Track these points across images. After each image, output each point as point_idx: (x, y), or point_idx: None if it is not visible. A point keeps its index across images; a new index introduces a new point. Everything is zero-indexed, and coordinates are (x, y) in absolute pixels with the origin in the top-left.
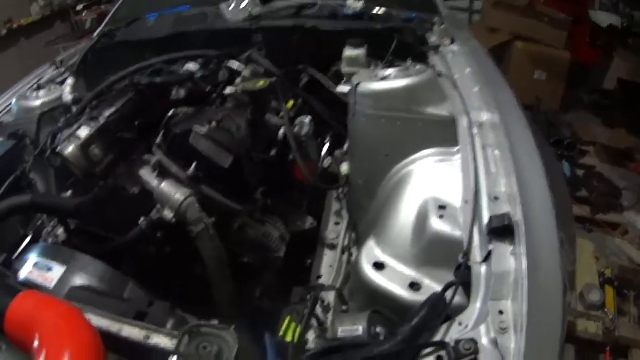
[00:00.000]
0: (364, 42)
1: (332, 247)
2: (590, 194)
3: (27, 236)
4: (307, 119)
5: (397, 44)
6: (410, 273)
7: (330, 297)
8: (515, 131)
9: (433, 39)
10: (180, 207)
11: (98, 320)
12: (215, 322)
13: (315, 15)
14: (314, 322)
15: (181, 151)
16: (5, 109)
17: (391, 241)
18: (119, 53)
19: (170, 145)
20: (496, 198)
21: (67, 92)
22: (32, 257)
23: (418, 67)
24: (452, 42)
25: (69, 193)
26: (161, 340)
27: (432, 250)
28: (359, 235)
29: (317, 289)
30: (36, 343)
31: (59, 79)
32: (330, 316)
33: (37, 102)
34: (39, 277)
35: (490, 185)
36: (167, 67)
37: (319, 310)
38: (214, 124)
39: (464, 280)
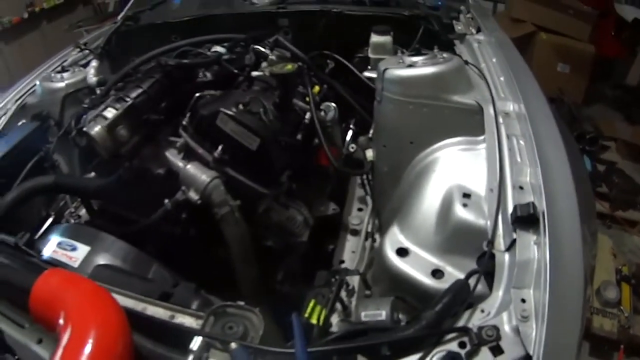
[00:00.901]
0: (389, 29)
1: (355, 232)
2: (610, 190)
3: (49, 217)
4: (333, 105)
5: (423, 32)
6: (433, 260)
7: (354, 281)
8: (540, 122)
9: (459, 27)
10: (205, 189)
11: (122, 300)
12: (241, 303)
13: (342, 0)
14: (338, 305)
15: (208, 133)
16: (29, 90)
17: (415, 228)
18: (144, 36)
19: (197, 127)
20: (521, 187)
21: (91, 74)
22: (56, 237)
23: (445, 55)
24: (478, 31)
25: (92, 174)
26: (186, 320)
27: (455, 238)
28: (382, 221)
29: (342, 273)
30: (61, 321)
31: (83, 62)
32: (354, 300)
33: (61, 84)
34: (63, 257)
35: (515, 174)
36: (194, 49)
37: (343, 294)
38: (241, 106)
39: (487, 268)
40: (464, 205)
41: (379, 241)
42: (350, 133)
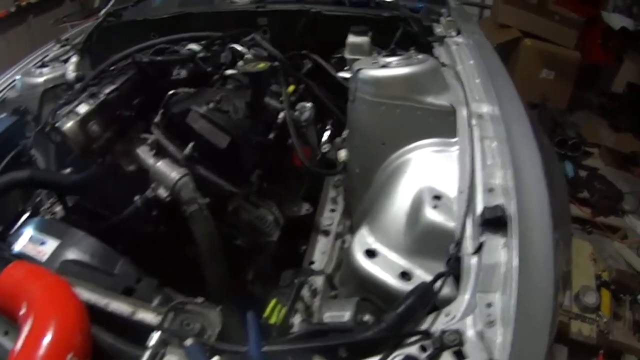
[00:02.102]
0: (367, 29)
1: (326, 233)
2: (591, 195)
3: (25, 212)
4: (308, 105)
5: (402, 33)
6: (402, 262)
7: (318, 281)
8: (514, 125)
9: (439, 30)
10: (174, 186)
11: (86, 294)
12: (200, 300)
13: (322, 0)
14: (300, 306)
15: (178, 131)
16: (9, 84)
17: (384, 229)
18: (125, 32)
19: (168, 125)
20: (491, 190)
21: (70, 69)
22: (28, 231)
23: (420, 56)
24: (458, 33)
25: (69, 170)
26: (147, 316)
27: (424, 240)
28: (353, 222)
29: (306, 273)
30: (23, 311)
31: (64, 57)
32: (317, 301)
33: (41, 79)
34: (32, 250)
35: (486, 176)
36: (170, 47)
37: (306, 294)
38: (211, 104)
39: (454, 271)
40: (434, 207)
41: (349, 242)
42: (327, 134)
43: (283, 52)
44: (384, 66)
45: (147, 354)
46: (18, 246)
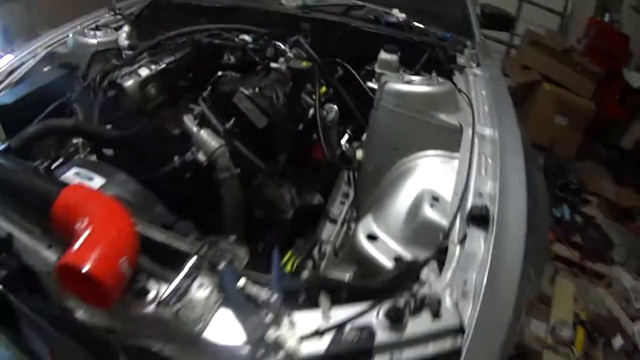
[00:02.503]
0: (397, 49)
1: (334, 221)
2: (583, 240)
3: (58, 158)
4: (335, 107)
5: (427, 58)
6: (398, 249)
7: (327, 248)
8: (508, 148)
9: (461, 60)
10: (213, 153)
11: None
12: (231, 239)
13: (361, 17)
14: (310, 263)
15: (223, 107)
16: (59, 40)
17: (387, 219)
18: (174, 13)
19: (215, 101)
20: (480, 194)
21: (123, 37)
22: (74, 167)
23: (440, 79)
24: (478, 65)
25: (109, 127)
26: (183, 245)
27: (419, 233)
28: (360, 213)
29: (318, 239)
30: (82, 223)
31: (114, 25)
32: (324, 263)
33: (94, 41)
34: (79, 184)
35: (478, 184)
36: (223, 34)
37: (316, 255)
38: (257, 89)
39: (440, 256)
40: (432, 206)
41: (354, 228)
42: (346, 137)
43: (319, 56)
44: (408, 82)
45: (182, 273)
46: (66, 178)
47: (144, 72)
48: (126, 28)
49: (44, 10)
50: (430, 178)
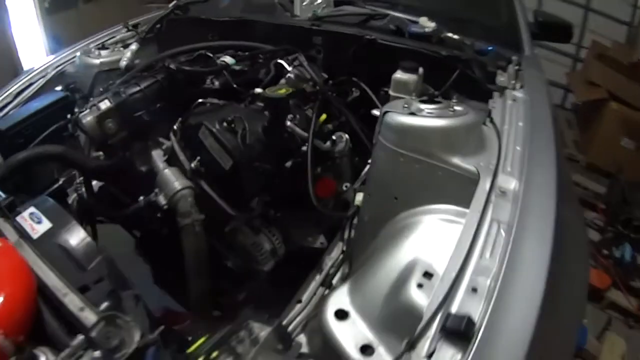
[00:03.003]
0: (417, 66)
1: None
2: None
3: (58, 181)
4: (345, 136)
5: (459, 76)
6: (368, 334)
7: (263, 331)
8: (534, 212)
9: (502, 78)
10: (173, 196)
11: (54, 279)
12: (127, 318)
13: (381, 27)
14: (230, 353)
15: (191, 142)
16: (70, 59)
17: (365, 292)
18: (188, 28)
19: (183, 134)
20: (474, 290)
21: (126, 56)
22: (32, 207)
23: (459, 107)
24: (521, 87)
25: (100, 153)
26: (90, 316)
27: (397, 318)
28: (350, 271)
29: (260, 319)
30: None
31: (129, 41)
32: (253, 351)
33: (97, 61)
34: (28, 226)
35: (477, 271)
36: (211, 54)
37: (246, 341)
38: (224, 123)
39: None
40: (419, 285)
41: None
42: (367, 168)
43: (333, 75)
44: (413, 113)
45: (67, 350)
46: (19, 218)
47: (104, 105)
48: (133, 46)
49: (94, 19)
50: (430, 244)
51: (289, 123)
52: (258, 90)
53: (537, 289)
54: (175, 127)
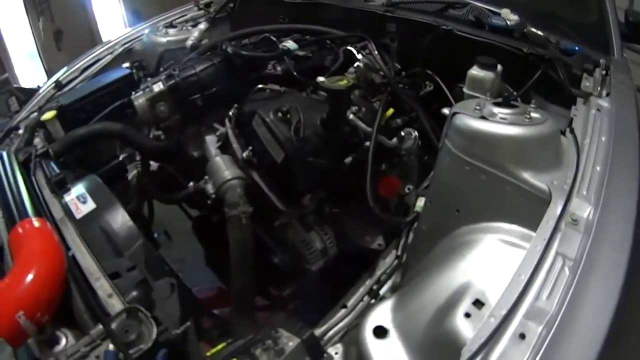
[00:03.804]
0: (495, 63)
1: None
2: None
3: (118, 157)
4: (415, 133)
5: (541, 77)
6: (405, 357)
7: (291, 342)
8: (607, 253)
9: (587, 83)
10: (222, 186)
11: (89, 262)
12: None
13: (460, 17)
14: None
15: (245, 130)
16: (139, 37)
17: (409, 311)
18: (261, 8)
19: (238, 121)
20: (522, 336)
21: (194, 36)
22: (80, 187)
23: (537, 115)
24: (607, 95)
25: (160, 132)
26: (117, 304)
27: (439, 345)
28: (402, 282)
29: (292, 328)
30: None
31: (199, 20)
32: None
33: (163, 39)
34: (73, 205)
35: (529, 313)
36: (275, 37)
37: (271, 351)
38: (279, 113)
39: None
40: (467, 315)
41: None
42: None
43: (407, 65)
44: (484, 117)
45: (85, 338)
46: (67, 196)
47: (157, 87)
48: (201, 26)
49: None
50: (485, 268)
51: (351, 116)
52: (321, 79)
53: (593, 348)
54: (230, 113)
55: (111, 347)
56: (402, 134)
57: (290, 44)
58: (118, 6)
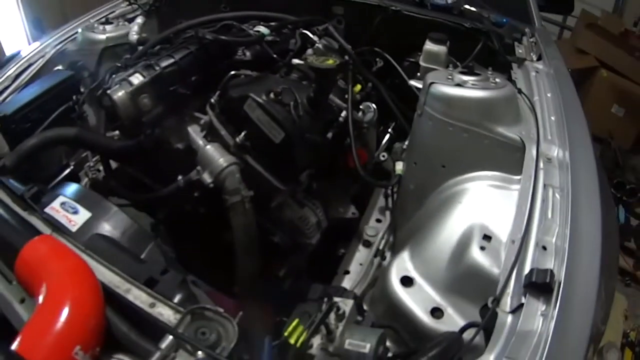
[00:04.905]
0: (446, 38)
1: (368, 244)
2: (637, 247)
3: (68, 166)
4: (373, 106)
5: (481, 48)
6: (436, 297)
7: (347, 305)
8: (582, 177)
9: (520, 50)
10: (220, 174)
11: (110, 276)
12: (220, 309)
13: None
14: (322, 328)
15: (234, 116)
16: (70, 37)
17: (426, 258)
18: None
19: (224, 108)
20: (544, 247)
21: (134, 30)
22: (62, 196)
23: (498, 80)
24: (539, 58)
25: (116, 132)
26: (165, 312)
27: (464, 281)
28: (397, 240)
29: (337, 292)
30: (42, 289)
31: (130, 15)
32: (341, 325)
33: (102, 36)
34: (63, 217)
35: (542, 231)
36: (237, 24)
37: (332, 317)
38: (272, 94)
39: (487, 325)
40: (482, 248)
41: (388, 260)
42: (387, 137)
43: (355, 45)
44: (459, 85)
45: (157, 354)
46: (49, 210)
47: (137, 79)
48: (139, 20)
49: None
50: (483, 208)
51: None
52: (297, 60)
53: (596, 246)
54: (212, 100)
55: (199, 354)
56: (361, 107)
57: (262, 29)
58: (19, 15)
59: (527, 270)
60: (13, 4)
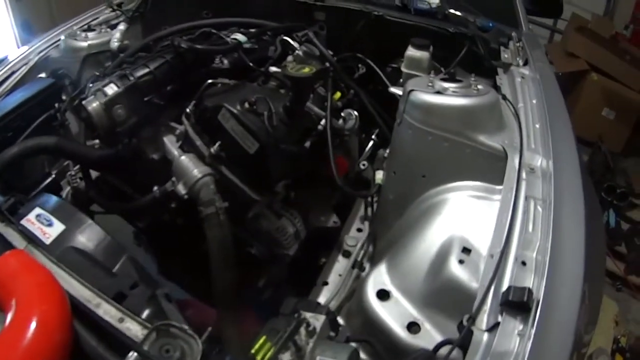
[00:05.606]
0: (429, 44)
1: (347, 254)
2: (628, 251)
3: (50, 175)
4: (355, 113)
5: (466, 53)
6: (413, 312)
7: (319, 322)
8: (566, 189)
9: (506, 55)
10: (194, 185)
11: (81, 290)
12: (185, 326)
13: (386, 3)
14: (292, 344)
15: (209, 126)
16: (54, 44)
17: (403, 271)
18: (180, 4)
19: (199, 118)
20: (523, 263)
21: (116, 37)
22: (37, 208)
23: (480, 86)
24: (525, 63)
25: (96, 141)
26: (133, 327)
27: (441, 295)
28: (376, 250)
29: (309, 307)
30: (11, 304)
31: (113, 22)
32: (312, 342)
33: (84, 44)
34: (38, 230)
35: (522, 245)
36: (215, 32)
37: (302, 333)
38: (246, 104)
39: (462, 342)
40: (460, 261)
41: (367, 272)
42: (370, 144)
43: (337, 51)
44: (439, 92)
45: None
46: (25, 221)
47: (111, 90)
48: (121, 26)
49: (64, 3)
50: (463, 220)
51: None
52: (274, 68)
53: (579, 260)
54: (188, 110)
55: None
56: (343, 115)
57: (239, 37)
58: (7, 18)
59: (505, 287)
60: (2, 6)
